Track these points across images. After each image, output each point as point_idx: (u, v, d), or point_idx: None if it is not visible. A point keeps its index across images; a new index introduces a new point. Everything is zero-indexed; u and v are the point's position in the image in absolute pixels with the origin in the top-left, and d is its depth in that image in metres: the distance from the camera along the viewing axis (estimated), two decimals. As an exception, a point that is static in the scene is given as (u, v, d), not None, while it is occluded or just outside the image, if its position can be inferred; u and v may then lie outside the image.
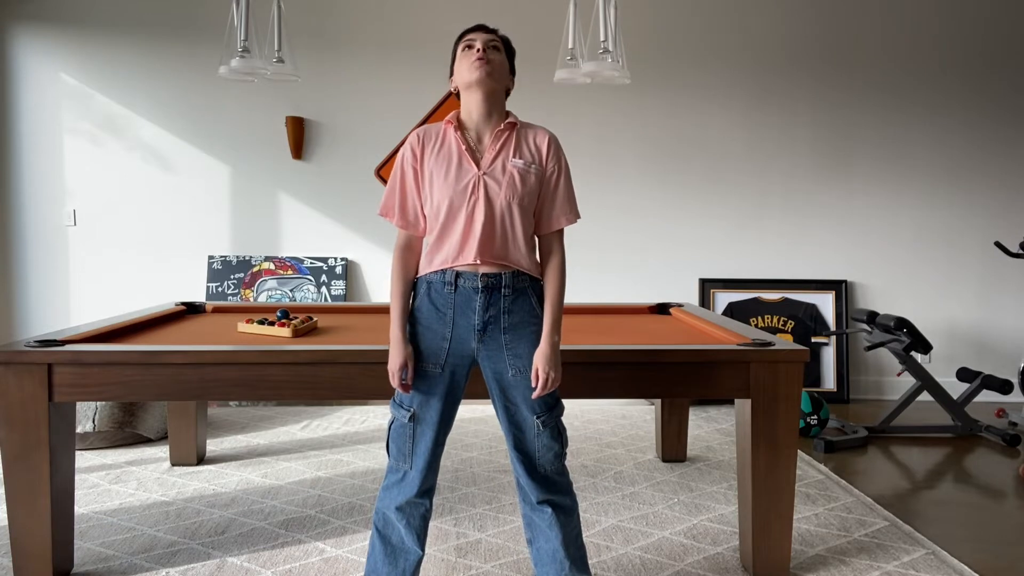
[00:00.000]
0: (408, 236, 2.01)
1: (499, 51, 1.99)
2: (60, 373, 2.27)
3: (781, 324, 4.98)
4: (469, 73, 1.94)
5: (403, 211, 2.00)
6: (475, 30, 2.02)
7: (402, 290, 1.98)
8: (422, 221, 2.00)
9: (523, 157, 1.97)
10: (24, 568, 2.31)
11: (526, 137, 2.01)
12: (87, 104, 4.86)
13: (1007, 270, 5.00)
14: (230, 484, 3.24)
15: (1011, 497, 3.26)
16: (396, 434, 1.99)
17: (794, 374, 2.36)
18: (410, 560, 2.02)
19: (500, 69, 1.97)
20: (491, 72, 1.94)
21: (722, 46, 4.96)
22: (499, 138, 1.98)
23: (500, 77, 1.98)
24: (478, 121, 1.99)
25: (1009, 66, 4.97)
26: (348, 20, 4.88)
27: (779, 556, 2.41)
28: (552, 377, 1.93)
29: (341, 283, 4.91)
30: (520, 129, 2.02)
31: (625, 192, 4.99)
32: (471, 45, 1.96)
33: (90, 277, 4.93)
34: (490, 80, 1.95)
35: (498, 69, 1.96)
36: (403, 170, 2.00)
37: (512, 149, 1.97)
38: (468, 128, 2.00)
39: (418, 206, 1.99)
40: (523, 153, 1.98)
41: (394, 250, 2.02)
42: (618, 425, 4.24)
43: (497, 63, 1.96)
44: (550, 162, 2.00)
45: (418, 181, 1.99)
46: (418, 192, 1.99)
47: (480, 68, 1.93)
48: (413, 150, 1.99)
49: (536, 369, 1.93)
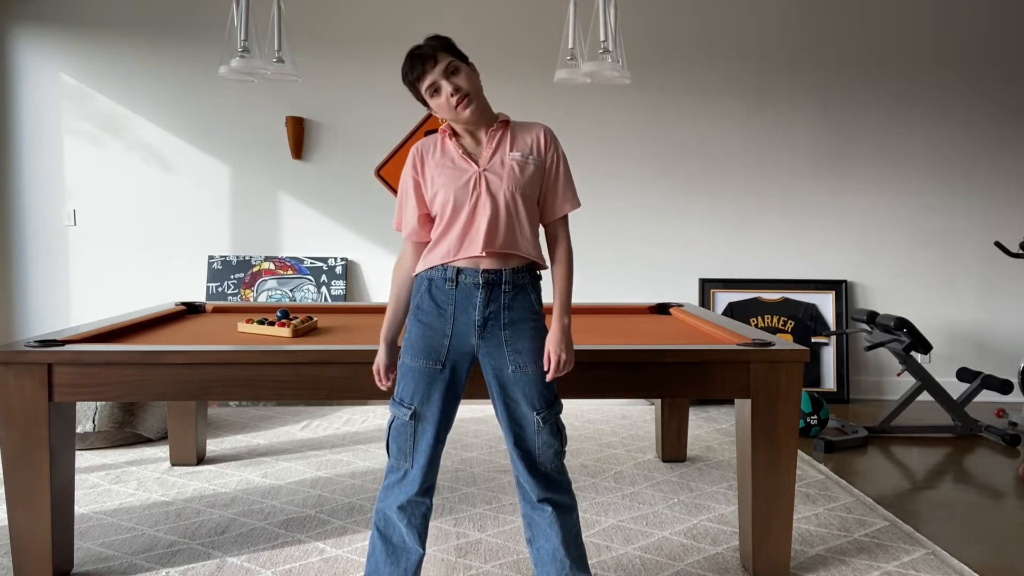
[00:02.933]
0: (413, 245, 2.07)
1: (458, 70, 1.94)
2: (60, 373, 2.27)
3: (781, 324, 4.98)
4: (455, 115, 1.95)
5: (406, 222, 2.07)
6: (422, 66, 1.92)
7: (396, 296, 2.09)
8: (424, 230, 2.05)
9: (520, 150, 2.00)
10: (24, 568, 2.31)
11: (521, 132, 2.04)
12: (87, 104, 4.86)
13: (1007, 270, 5.00)
14: (230, 484, 3.24)
15: (1011, 497, 3.26)
16: (396, 433, 1.99)
17: (794, 374, 2.36)
18: (411, 559, 2.02)
19: (474, 89, 1.95)
20: (471, 101, 1.93)
21: (722, 46, 4.96)
22: (494, 137, 2.01)
23: (478, 95, 1.96)
24: (470, 129, 2.02)
25: (1009, 66, 4.97)
26: (348, 20, 4.88)
27: (779, 556, 2.41)
28: (564, 359, 1.96)
29: (341, 283, 4.91)
30: (514, 126, 2.05)
31: (625, 192, 4.99)
32: (437, 90, 1.94)
33: (90, 277, 4.93)
34: (477, 110, 1.95)
35: (474, 91, 1.95)
36: (407, 187, 2.05)
37: (508, 144, 2.00)
38: (463, 137, 2.03)
39: (419, 217, 2.04)
40: (520, 146, 2.01)
41: (397, 259, 2.11)
42: (618, 425, 4.24)
43: (468, 86, 1.93)
44: (549, 153, 2.04)
45: (420, 193, 2.02)
46: (419, 203, 2.03)
47: (462, 109, 1.93)
48: (414, 162, 2.03)
49: (548, 352, 1.96)
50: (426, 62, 1.93)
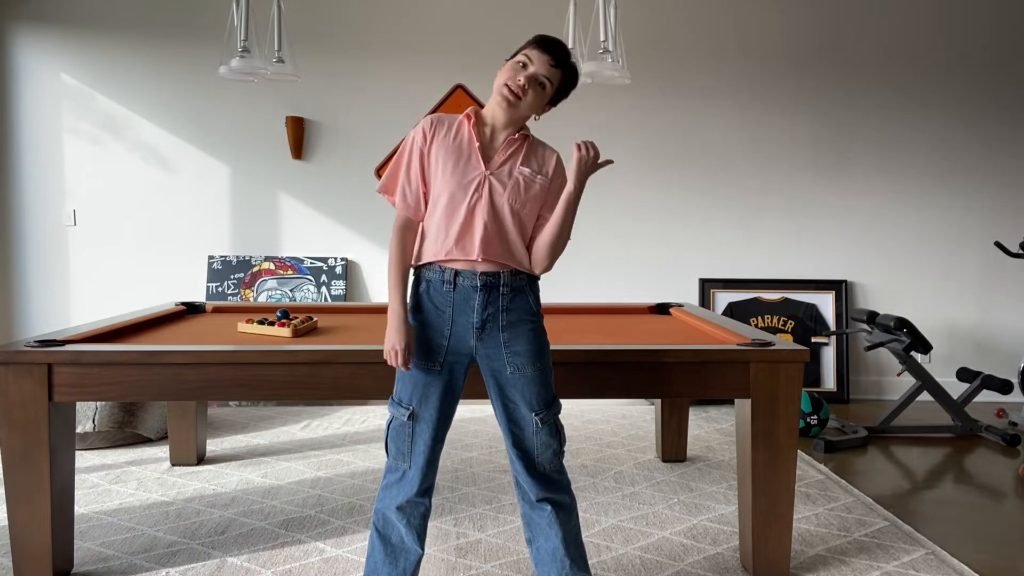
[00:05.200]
0: (406, 218, 2.00)
1: (543, 88, 1.95)
2: (60, 373, 2.27)
3: (781, 324, 4.98)
4: (501, 89, 1.94)
5: (404, 193, 2.00)
6: (543, 49, 1.95)
7: (401, 270, 1.97)
8: (423, 206, 2.00)
9: (530, 167, 1.99)
10: (24, 568, 2.31)
11: (535, 151, 2.03)
12: (87, 104, 4.86)
13: (1007, 270, 5.00)
14: (230, 484, 3.25)
15: (1011, 497, 3.26)
16: (395, 433, 1.99)
17: (794, 374, 2.36)
18: (410, 559, 2.02)
19: (529, 106, 1.96)
20: (515, 105, 1.94)
21: (722, 46, 4.96)
22: (511, 145, 1.99)
23: (525, 109, 1.97)
24: (495, 124, 2.00)
25: (1009, 66, 4.97)
26: (348, 20, 4.88)
27: (779, 556, 2.41)
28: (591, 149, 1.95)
29: (341, 283, 4.91)
30: (532, 142, 2.03)
31: (625, 192, 4.99)
32: (525, 66, 1.94)
33: (90, 277, 4.93)
34: (511, 110, 1.95)
35: (527, 105, 1.95)
36: (410, 151, 1.99)
37: (521, 158, 1.99)
38: (485, 125, 2.01)
39: (420, 190, 1.99)
40: (531, 164, 2.00)
41: (392, 231, 2.00)
42: (618, 425, 4.24)
43: (530, 100, 1.94)
44: (556, 178, 2.03)
45: (423, 165, 1.98)
46: (422, 176, 1.98)
47: (509, 98, 1.93)
48: (424, 133, 1.98)
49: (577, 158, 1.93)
50: (549, 50, 1.94)
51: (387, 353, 1.94)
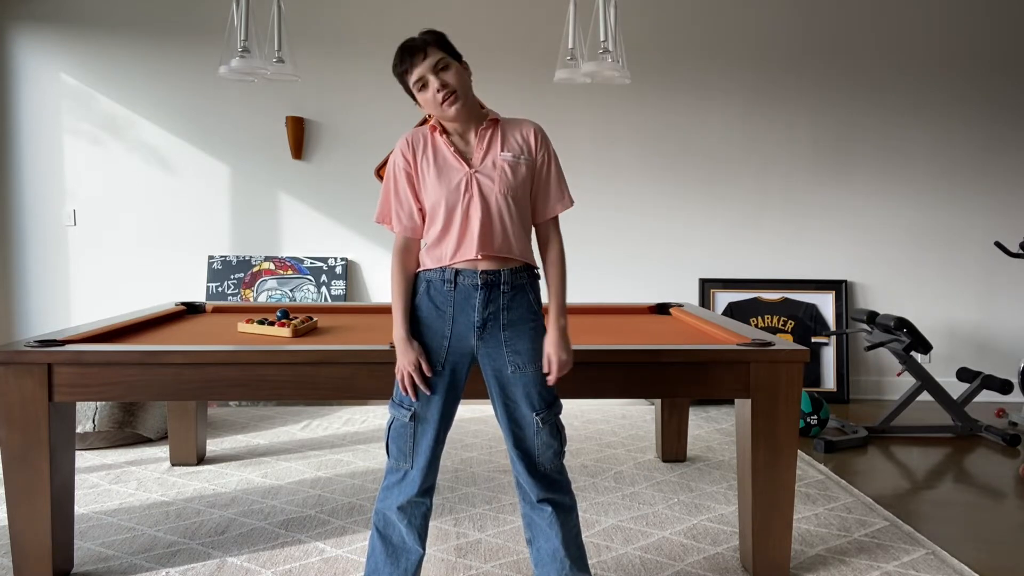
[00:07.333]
0: (406, 239, 2.02)
1: (448, 67, 1.91)
2: (60, 373, 2.27)
3: (781, 324, 4.98)
4: (440, 111, 1.93)
5: (398, 215, 2.01)
6: (411, 59, 1.90)
7: (403, 292, 1.99)
8: (420, 223, 2.01)
9: (511, 150, 1.99)
10: (24, 568, 2.31)
11: (512, 131, 2.02)
12: (87, 104, 4.86)
13: (1007, 270, 5.00)
14: (230, 484, 3.24)
15: (1011, 497, 3.26)
16: (396, 434, 1.99)
17: (794, 374, 2.35)
18: (411, 559, 2.02)
19: (462, 86, 1.93)
20: (457, 99, 1.91)
21: (722, 46, 4.96)
22: (484, 136, 1.99)
23: (465, 93, 1.94)
24: (459, 127, 2.00)
25: (1009, 66, 4.96)
26: (348, 20, 4.88)
27: (779, 556, 2.41)
28: (563, 360, 1.96)
29: (341, 283, 4.91)
30: (504, 124, 2.02)
31: (625, 192, 4.99)
32: (424, 84, 1.91)
33: (90, 277, 4.93)
34: (463, 108, 1.94)
35: (461, 89, 1.92)
36: (395, 176, 2.00)
37: (500, 144, 1.99)
38: (451, 132, 2.01)
39: (414, 209, 2.00)
40: (511, 146, 1.99)
41: (392, 253, 2.02)
42: (618, 425, 4.24)
43: (456, 83, 1.91)
44: (539, 152, 2.01)
45: (413, 184, 1.99)
46: (414, 195, 2.00)
47: (448, 105, 1.91)
48: (404, 155, 1.99)
49: (548, 355, 1.95)
50: (416, 55, 1.90)
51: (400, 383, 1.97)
